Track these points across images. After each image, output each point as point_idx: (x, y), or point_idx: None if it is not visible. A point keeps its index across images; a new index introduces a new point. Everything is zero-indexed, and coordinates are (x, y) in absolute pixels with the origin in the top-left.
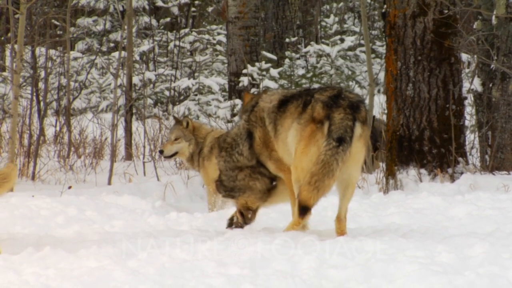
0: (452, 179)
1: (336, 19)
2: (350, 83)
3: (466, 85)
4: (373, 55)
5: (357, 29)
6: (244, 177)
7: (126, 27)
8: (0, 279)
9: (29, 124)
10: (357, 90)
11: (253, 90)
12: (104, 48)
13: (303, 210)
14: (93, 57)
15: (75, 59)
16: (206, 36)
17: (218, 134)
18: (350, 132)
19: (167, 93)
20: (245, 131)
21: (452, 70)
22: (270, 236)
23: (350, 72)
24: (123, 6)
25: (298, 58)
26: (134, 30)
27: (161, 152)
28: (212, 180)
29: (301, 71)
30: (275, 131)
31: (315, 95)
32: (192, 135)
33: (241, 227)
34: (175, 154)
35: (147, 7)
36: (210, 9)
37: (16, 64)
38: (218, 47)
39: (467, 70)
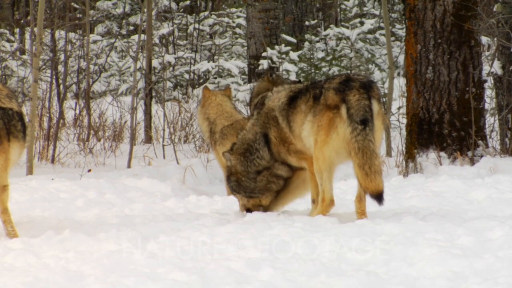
0: (472, 162)
1: (356, 1)
2: (370, 66)
3: (486, 68)
4: (392, 38)
5: (377, 12)
6: (262, 179)
7: (145, 10)
8: (20, 262)
9: (49, 107)
10: (377, 73)
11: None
12: (123, 31)
13: (379, 197)
14: (112, 40)
15: (95, 42)
16: (226, 19)
17: (227, 121)
18: (370, 111)
19: (186, 76)
20: (261, 135)
21: (472, 53)
22: (289, 220)
23: (369, 55)
24: None
25: (318, 41)
26: (153, 13)
27: None
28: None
29: (320, 54)
30: (290, 127)
31: (324, 85)
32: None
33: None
34: None
35: None
36: None
37: (35, 47)
38: (237, 30)
39: (487, 53)
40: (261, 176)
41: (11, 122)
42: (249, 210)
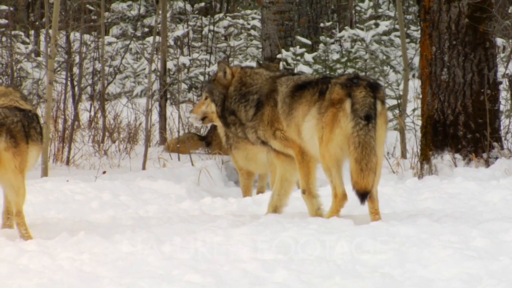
0: (487, 164)
1: (371, 3)
2: (385, 67)
3: (501, 69)
4: (407, 40)
5: (392, 14)
6: (232, 121)
7: (160, 12)
8: (34, 263)
9: (64, 109)
10: (392, 74)
11: None
12: (138, 33)
13: (363, 196)
14: (127, 42)
15: (110, 44)
16: (241, 21)
17: None
18: (374, 109)
19: (201, 78)
20: (257, 98)
21: (487, 55)
22: (304, 221)
23: (384, 57)
24: None
25: (333, 43)
26: (168, 15)
27: None
28: (240, 167)
29: (335, 56)
30: (288, 115)
31: (332, 80)
32: None
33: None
34: None
35: None
36: None
37: (50, 49)
38: (252, 32)
39: (502, 55)
40: (233, 117)
41: (31, 124)
42: (204, 118)
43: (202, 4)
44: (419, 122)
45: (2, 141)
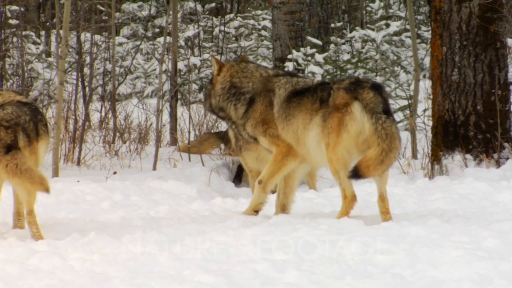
0: (498, 164)
1: (382, 4)
2: (396, 68)
3: None
4: (418, 40)
5: (403, 14)
6: (223, 117)
7: (171, 12)
8: (45, 264)
9: (74, 109)
10: (403, 75)
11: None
12: (149, 34)
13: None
14: (138, 43)
15: (120, 44)
16: (251, 22)
17: None
18: (387, 105)
19: None
20: (250, 96)
21: (497, 55)
22: (315, 222)
23: (395, 57)
24: None
25: (343, 43)
26: (179, 15)
27: None
28: (251, 169)
29: (346, 56)
30: (285, 120)
31: (334, 86)
32: None
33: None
34: None
35: None
36: None
37: (61, 49)
38: (263, 33)
39: None
40: (223, 114)
41: (38, 117)
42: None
43: (213, 4)
44: (430, 123)
45: (20, 140)
